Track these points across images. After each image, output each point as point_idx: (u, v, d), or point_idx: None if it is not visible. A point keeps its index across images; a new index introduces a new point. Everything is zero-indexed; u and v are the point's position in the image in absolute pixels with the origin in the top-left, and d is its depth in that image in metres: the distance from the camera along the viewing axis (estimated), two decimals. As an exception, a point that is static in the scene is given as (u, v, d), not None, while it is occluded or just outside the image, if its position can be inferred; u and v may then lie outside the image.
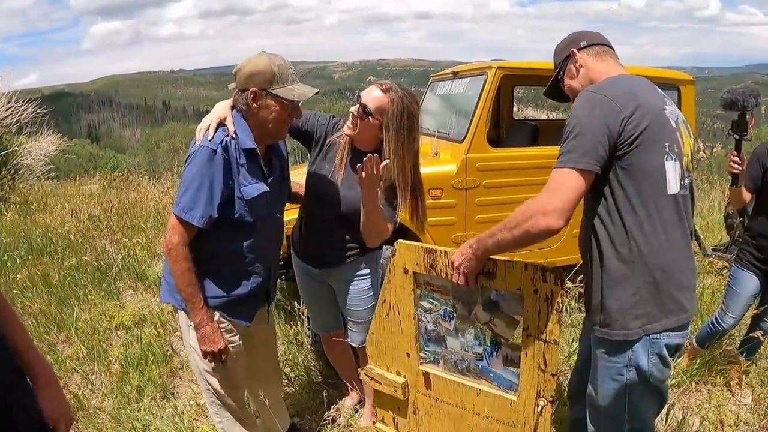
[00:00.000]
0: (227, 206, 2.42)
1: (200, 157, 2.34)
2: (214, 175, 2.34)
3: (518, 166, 4.66)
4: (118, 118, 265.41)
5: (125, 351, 4.46)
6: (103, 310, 5.38)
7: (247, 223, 2.49)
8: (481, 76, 4.66)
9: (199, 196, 2.33)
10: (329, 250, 3.01)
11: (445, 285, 2.38)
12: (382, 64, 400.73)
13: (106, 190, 11.56)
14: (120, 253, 6.85)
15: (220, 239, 2.47)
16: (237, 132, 2.43)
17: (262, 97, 2.40)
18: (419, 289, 2.48)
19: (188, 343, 2.63)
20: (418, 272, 2.43)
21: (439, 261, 2.34)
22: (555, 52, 2.37)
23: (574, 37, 2.32)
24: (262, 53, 2.45)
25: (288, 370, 4.04)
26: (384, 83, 2.82)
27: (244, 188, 2.44)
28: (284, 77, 2.39)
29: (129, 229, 7.92)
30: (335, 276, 3.10)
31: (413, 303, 2.49)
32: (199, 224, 2.35)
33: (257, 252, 2.58)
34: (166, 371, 4.21)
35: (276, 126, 2.50)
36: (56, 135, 18.34)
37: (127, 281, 6.28)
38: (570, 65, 2.28)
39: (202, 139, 2.37)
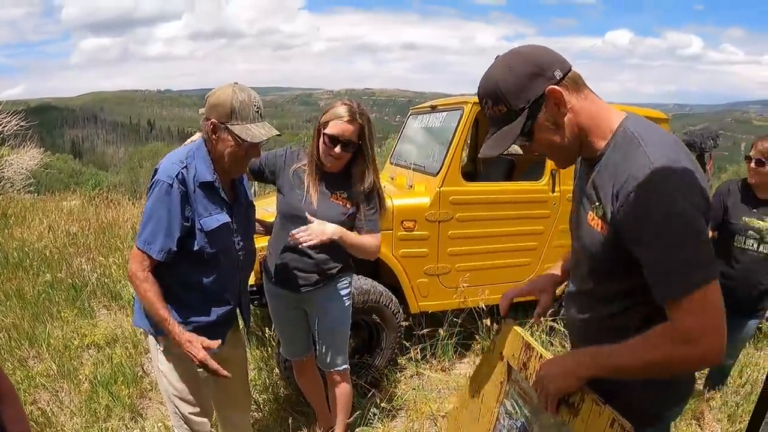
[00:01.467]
0: (187, 238, 2.42)
1: (157, 190, 2.35)
2: (171, 209, 2.35)
3: (492, 201, 4.74)
4: (102, 134, 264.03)
5: (96, 370, 4.47)
6: (76, 328, 5.38)
7: (209, 254, 2.48)
8: (458, 111, 4.75)
9: (157, 230, 2.34)
10: (305, 273, 3.07)
11: (530, 393, 1.92)
12: (368, 93, 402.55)
13: (85, 207, 11.50)
14: (95, 271, 6.84)
15: (183, 271, 2.46)
16: (196, 163, 2.43)
17: (220, 130, 2.38)
18: (509, 385, 2.09)
19: (157, 367, 2.63)
20: (512, 365, 2.06)
21: (532, 364, 1.91)
22: (500, 90, 1.60)
23: (533, 64, 1.59)
24: (233, 84, 2.42)
25: (257, 396, 4.07)
26: (345, 111, 2.89)
27: (204, 220, 2.44)
28: (244, 114, 2.36)
29: (106, 248, 7.91)
30: (310, 299, 3.14)
31: (498, 397, 2.13)
32: (159, 257, 2.35)
33: (222, 282, 2.57)
34: (135, 392, 4.23)
35: (231, 161, 2.46)
36: (39, 149, 18.29)
37: (101, 300, 6.28)
38: (545, 111, 1.60)
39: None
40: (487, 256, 4.76)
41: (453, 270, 4.63)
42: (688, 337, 1.40)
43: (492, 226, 4.72)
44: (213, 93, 2.42)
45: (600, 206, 1.61)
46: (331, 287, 3.13)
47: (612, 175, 1.56)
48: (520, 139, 1.63)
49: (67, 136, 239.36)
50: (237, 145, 2.40)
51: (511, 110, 1.59)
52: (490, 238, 4.75)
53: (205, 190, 2.44)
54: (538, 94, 1.57)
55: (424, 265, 4.53)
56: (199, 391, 2.67)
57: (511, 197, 4.81)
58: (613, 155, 1.59)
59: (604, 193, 1.58)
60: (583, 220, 1.71)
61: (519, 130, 1.60)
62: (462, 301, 4.66)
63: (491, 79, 1.62)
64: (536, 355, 1.88)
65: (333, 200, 3.01)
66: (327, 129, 2.88)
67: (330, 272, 3.10)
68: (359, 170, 3.00)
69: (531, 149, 1.65)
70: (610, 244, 1.58)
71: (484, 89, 1.64)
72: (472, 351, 4.97)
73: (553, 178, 4.87)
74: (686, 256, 1.41)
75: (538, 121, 1.60)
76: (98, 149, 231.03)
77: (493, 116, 1.65)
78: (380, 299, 4.11)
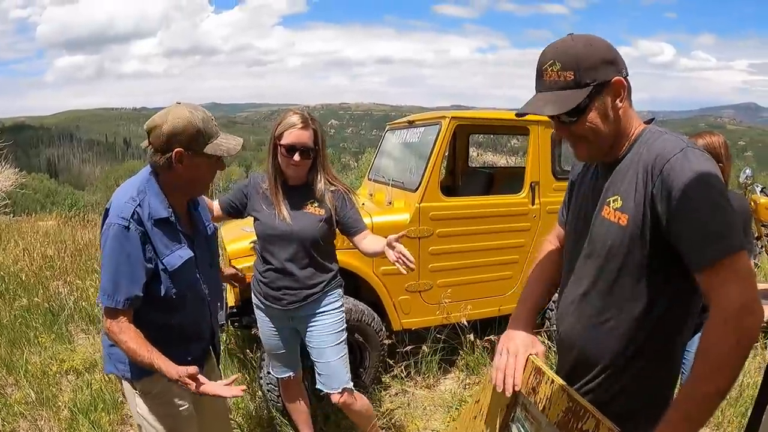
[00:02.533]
0: (152, 282, 2.25)
1: (113, 234, 2.17)
2: (132, 253, 2.17)
3: (472, 215, 4.75)
4: (78, 153, 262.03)
5: (75, 396, 4.39)
6: (54, 354, 5.29)
7: (177, 295, 2.33)
8: (436, 126, 4.75)
9: (119, 279, 2.15)
10: (293, 291, 3.08)
11: (540, 420, 1.83)
12: (344, 108, 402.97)
13: (61, 228, 11.38)
14: (73, 294, 6.73)
15: (152, 315, 2.30)
16: (149, 199, 2.25)
17: (188, 157, 2.22)
18: (515, 409, 1.98)
19: (137, 413, 2.47)
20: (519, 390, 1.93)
21: (542, 389, 1.80)
22: (577, 59, 1.59)
23: (611, 53, 1.63)
24: (179, 105, 2.26)
25: (240, 420, 4.01)
26: (298, 119, 2.95)
27: (166, 259, 2.27)
28: (209, 132, 2.23)
29: (83, 270, 7.78)
30: (300, 315, 3.15)
31: (501, 421, 2.01)
32: (125, 308, 2.17)
33: (192, 320, 2.48)
34: (116, 418, 4.16)
35: (201, 184, 2.38)
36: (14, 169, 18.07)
37: (79, 324, 6.19)
38: (607, 97, 1.62)
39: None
40: (468, 271, 4.76)
41: (435, 286, 4.62)
42: (745, 303, 1.39)
43: (473, 240, 4.72)
44: (162, 120, 2.20)
45: (618, 199, 1.65)
46: (321, 301, 3.14)
47: (637, 164, 1.62)
48: (566, 116, 1.63)
49: (43, 155, 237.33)
50: (209, 166, 2.31)
51: (578, 81, 1.59)
52: (472, 252, 4.74)
53: (161, 227, 2.27)
54: (606, 79, 1.59)
55: (405, 282, 4.51)
56: (183, 430, 2.55)
57: (491, 211, 4.82)
58: (636, 150, 1.66)
59: (627, 183, 1.64)
60: (596, 218, 1.74)
61: (581, 99, 1.58)
62: (445, 317, 4.65)
63: (571, 47, 1.61)
64: (546, 379, 1.78)
65: (306, 211, 3.05)
66: (283, 140, 2.94)
67: (318, 287, 3.11)
68: (315, 174, 3.07)
69: (568, 130, 1.67)
70: (632, 234, 1.61)
71: (559, 52, 1.62)
72: (457, 367, 4.96)
73: (532, 191, 4.88)
74: (727, 220, 1.44)
75: (595, 103, 1.61)
76: (74, 168, 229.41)
77: (554, 80, 1.62)
78: (362, 318, 4.09)
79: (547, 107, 1.62)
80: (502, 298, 4.95)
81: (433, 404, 4.42)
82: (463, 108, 38.37)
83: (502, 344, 1.95)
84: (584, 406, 1.61)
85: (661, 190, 1.52)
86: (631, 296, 1.67)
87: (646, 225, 1.58)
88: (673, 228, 1.50)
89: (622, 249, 1.64)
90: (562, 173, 5.08)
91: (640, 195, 1.59)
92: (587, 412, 1.59)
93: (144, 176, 2.32)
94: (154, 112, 2.36)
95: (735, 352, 1.38)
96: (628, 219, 1.62)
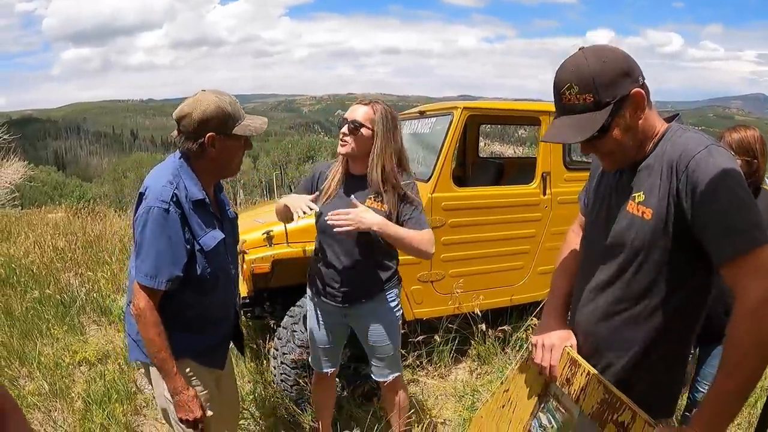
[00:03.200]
0: (189, 263, 2.32)
1: (154, 218, 2.21)
2: (174, 235, 2.24)
3: (483, 205, 4.73)
4: (85, 146, 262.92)
5: (88, 387, 4.40)
6: (66, 345, 5.31)
7: (211, 274, 2.40)
8: (448, 117, 4.72)
9: (160, 261, 2.23)
10: (351, 288, 3.01)
11: (572, 410, 1.85)
12: (351, 99, 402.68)
13: (71, 220, 11.42)
14: (84, 286, 6.76)
15: (183, 295, 2.36)
16: (185, 181, 2.32)
17: (220, 141, 2.30)
18: (546, 399, 2.00)
19: (162, 396, 2.48)
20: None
21: (577, 380, 1.83)
22: (594, 80, 1.59)
23: (625, 64, 1.63)
24: (204, 92, 2.33)
25: (253, 409, 4.02)
26: (361, 98, 2.95)
27: (203, 239, 2.35)
28: (237, 114, 2.32)
29: (93, 262, 7.81)
30: (358, 313, 3.09)
31: (532, 410, 2.03)
32: (165, 288, 2.25)
33: (222, 300, 2.54)
34: (130, 409, 4.17)
35: (233, 164, 2.46)
36: (23, 162, 18.15)
37: (90, 316, 6.23)
38: (627, 111, 1.63)
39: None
40: (480, 261, 4.75)
41: (447, 276, 4.62)
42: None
43: (484, 230, 4.71)
44: (192, 108, 2.26)
45: (642, 194, 1.68)
46: (378, 301, 3.07)
47: (661, 161, 1.65)
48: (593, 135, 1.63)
49: (50, 148, 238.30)
50: (240, 147, 2.41)
51: (597, 102, 1.60)
52: (483, 242, 4.73)
53: (197, 209, 2.35)
54: (625, 93, 1.60)
55: (417, 272, 4.51)
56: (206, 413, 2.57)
57: (503, 201, 4.80)
58: (661, 148, 1.68)
59: (652, 180, 1.66)
60: (620, 213, 1.75)
61: (603, 120, 1.60)
62: (456, 306, 4.64)
63: (585, 68, 1.61)
64: (582, 371, 1.81)
65: (366, 205, 2.88)
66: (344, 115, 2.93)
67: (375, 285, 3.04)
68: (372, 163, 2.91)
69: (593, 147, 1.70)
70: (656, 228, 1.63)
71: (575, 75, 1.62)
72: (468, 356, 4.96)
73: (543, 182, 4.86)
74: (751, 214, 1.47)
75: (617, 119, 1.62)
76: (82, 160, 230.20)
77: (574, 103, 1.63)
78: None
79: (569, 134, 1.65)
80: (513, 288, 4.95)
81: (445, 393, 4.43)
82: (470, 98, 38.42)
83: (537, 336, 1.98)
84: (620, 398, 1.64)
85: (686, 186, 1.55)
86: (649, 288, 1.70)
87: (670, 219, 1.61)
88: (698, 222, 1.52)
89: (645, 242, 1.67)
90: (572, 164, 5.08)
91: (664, 190, 1.62)
92: (623, 404, 1.62)
93: (175, 162, 2.38)
94: (161, 103, 2.39)
95: (757, 347, 1.40)
96: (652, 213, 1.64)
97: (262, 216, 4.50)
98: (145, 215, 2.23)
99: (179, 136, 2.34)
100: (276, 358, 3.92)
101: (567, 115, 1.66)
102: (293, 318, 3.93)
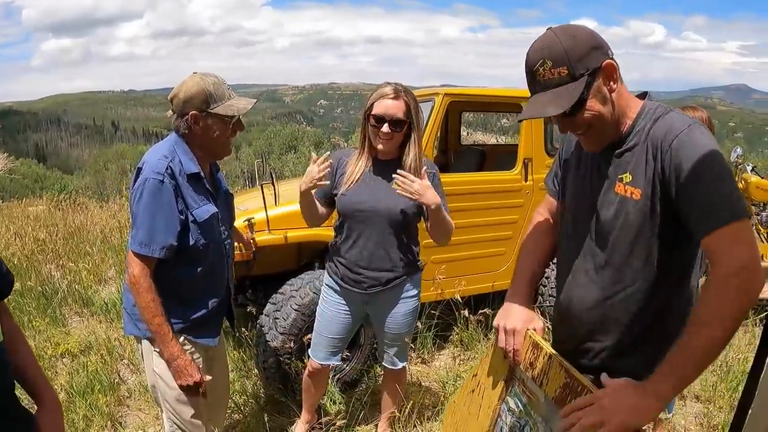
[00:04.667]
0: (182, 233, 2.41)
1: (149, 188, 2.32)
2: (167, 204, 2.34)
3: (465, 191, 4.74)
4: (66, 138, 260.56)
5: (71, 379, 4.38)
6: (48, 337, 5.30)
7: (202, 246, 2.49)
8: (429, 103, 4.72)
9: (154, 228, 2.33)
10: (376, 273, 3.01)
11: (537, 394, 1.85)
12: (333, 88, 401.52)
13: (52, 212, 11.33)
14: (66, 278, 6.73)
15: (176, 266, 2.45)
16: (180, 156, 2.44)
17: (202, 119, 2.42)
18: (512, 383, 2.00)
19: (152, 371, 2.57)
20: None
21: (540, 363, 1.82)
22: (566, 54, 1.62)
23: (593, 38, 1.66)
24: (194, 74, 2.47)
25: (236, 398, 4.02)
26: (390, 89, 2.89)
27: (195, 211, 2.45)
28: (220, 95, 2.42)
29: (75, 253, 7.76)
30: (381, 299, 3.09)
31: (500, 394, 2.04)
32: (160, 255, 2.35)
33: (214, 272, 2.60)
34: (113, 400, 4.16)
35: (221, 144, 2.54)
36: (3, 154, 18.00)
37: (72, 307, 6.21)
38: (600, 82, 1.66)
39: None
40: (462, 247, 4.76)
41: (429, 262, 4.61)
42: (747, 265, 1.45)
43: (467, 217, 4.71)
44: (179, 90, 2.42)
45: (629, 174, 1.71)
46: (400, 288, 3.10)
47: (644, 140, 1.69)
48: (569, 110, 1.65)
49: (31, 140, 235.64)
50: (224, 126, 2.47)
51: (571, 74, 1.62)
52: (465, 229, 4.73)
53: (191, 182, 2.46)
54: (597, 65, 1.63)
55: (400, 259, 4.49)
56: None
57: (485, 187, 4.83)
58: (641, 126, 1.72)
59: (636, 159, 1.70)
60: (606, 194, 1.78)
61: (579, 92, 1.62)
62: (439, 293, 4.66)
63: (557, 44, 1.64)
64: (544, 354, 1.81)
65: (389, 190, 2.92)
66: (373, 110, 2.88)
67: (401, 270, 3.05)
68: (407, 149, 2.96)
69: (572, 123, 1.72)
70: (644, 207, 1.67)
71: (547, 50, 1.65)
72: (451, 342, 4.99)
73: (525, 168, 4.89)
74: (730, 189, 1.52)
75: (593, 90, 1.65)
76: (62, 152, 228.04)
77: (549, 78, 1.65)
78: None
79: (549, 108, 1.66)
80: (495, 273, 4.97)
81: (428, 380, 4.45)
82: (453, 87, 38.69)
83: (500, 320, 1.98)
84: (581, 382, 1.64)
85: (670, 165, 1.59)
86: (643, 268, 1.74)
87: (656, 197, 1.65)
88: (682, 199, 1.57)
89: (636, 222, 1.70)
90: (554, 150, 5.10)
91: (650, 169, 1.65)
92: (585, 389, 1.61)
93: (172, 139, 2.51)
94: (142, 94, 2.45)
95: (733, 307, 1.45)
96: (641, 193, 1.67)
97: (243, 203, 4.49)
98: (141, 186, 2.35)
99: (173, 116, 2.48)
100: (259, 346, 3.92)
101: (543, 91, 1.68)
102: (275, 305, 3.92)
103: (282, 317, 3.83)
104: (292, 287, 3.97)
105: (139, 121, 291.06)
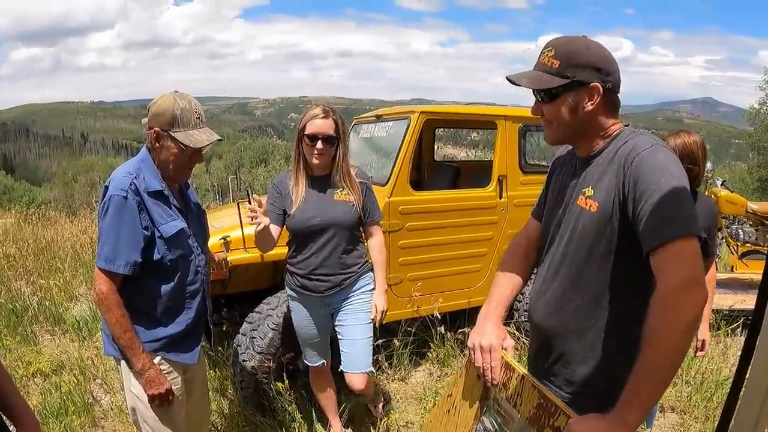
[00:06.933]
0: (148, 249, 2.42)
1: (113, 205, 2.34)
2: (131, 221, 2.35)
3: (441, 209, 4.77)
4: (35, 148, 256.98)
5: (44, 400, 4.32)
6: (19, 356, 5.20)
7: (171, 261, 2.49)
8: (405, 121, 4.75)
9: (119, 245, 2.34)
10: (330, 277, 3.27)
11: (511, 414, 1.84)
12: (304, 101, 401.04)
13: (21, 226, 11.17)
14: (36, 294, 6.65)
15: (147, 284, 2.46)
16: (144, 173, 2.45)
17: (163, 138, 2.43)
18: (488, 403, 2.00)
19: (130, 392, 2.57)
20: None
21: (513, 384, 1.83)
22: (570, 53, 1.77)
23: (602, 62, 1.77)
24: (173, 93, 2.48)
25: (214, 417, 3.97)
26: (318, 111, 3.17)
27: (162, 227, 2.45)
28: (185, 121, 2.42)
29: (45, 269, 7.67)
30: (336, 299, 3.34)
31: (475, 414, 2.02)
32: (125, 272, 2.35)
33: (185, 289, 2.59)
34: (87, 421, 4.10)
35: (175, 168, 2.52)
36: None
37: (44, 325, 6.10)
38: (579, 96, 1.78)
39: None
40: (438, 264, 4.79)
41: (405, 280, 4.65)
42: (685, 282, 1.46)
43: (442, 234, 4.75)
44: (155, 102, 2.46)
45: (591, 188, 1.79)
46: (355, 284, 3.34)
47: (612, 158, 1.76)
48: (542, 96, 1.84)
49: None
50: (180, 152, 2.46)
51: (560, 71, 1.77)
52: (441, 246, 4.77)
53: (156, 199, 2.47)
54: (585, 80, 1.75)
55: (375, 276, 4.50)
56: (178, 414, 2.64)
57: (460, 204, 4.85)
58: (612, 147, 1.80)
59: (600, 175, 1.78)
60: (571, 207, 1.87)
61: (555, 85, 1.77)
62: (415, 310, 4.68)
63: (572, 43, 1.80)
64: (517, 375, 1.82)
65: (337, 199, 3.26)
66: (306, 130, 3.14)
67: (353, 269, 3.32)
68: (337, 163, 3.25)
69: (540, 110, 1.88)
70: (600, 220, 1.74)
71: (561, 44, 1.81)
72: (428, 359, 5.00)
73: (500, 185, 4.92)
74: (681, 207, 1.54)
75: (569, 96, 1.78)
76: (31, 163, 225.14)
77: (543, 63, 1.82)
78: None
79: (524, 79, 1.84)
80: (471, 290, 4.99)
81: (406, 397, 4.46)
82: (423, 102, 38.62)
83: (474, 339, 1.99)
84: (555, 403, 1.65)
85: (629, 180, 1.65)
86: (597, 280, 1.79)
87: (615, 213, 1.71)
88: (635, 213, 1.61)
89: (591, 234, 1.77)
90: (528, 167, 5.14)
91: (611, 185, 1.72)
92: (558, 409, 1.63)
93: (141, 155, 2.53)
94: (112, 106, 2.46)
95: (678, 323, 1.45)
96: (598, 206, 1.74)
97: (219, 220, 4.46)
98: (106, 203, 2.37)
99: (145, 125, 2.50)
100: (236, 366, 3.89)
101: (535, 70, 1.84)
102: (252, 324, 3.90)
103: (259, 336, 3.82)
104: (268, 306, 3.95)
105: (109, 133, 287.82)
